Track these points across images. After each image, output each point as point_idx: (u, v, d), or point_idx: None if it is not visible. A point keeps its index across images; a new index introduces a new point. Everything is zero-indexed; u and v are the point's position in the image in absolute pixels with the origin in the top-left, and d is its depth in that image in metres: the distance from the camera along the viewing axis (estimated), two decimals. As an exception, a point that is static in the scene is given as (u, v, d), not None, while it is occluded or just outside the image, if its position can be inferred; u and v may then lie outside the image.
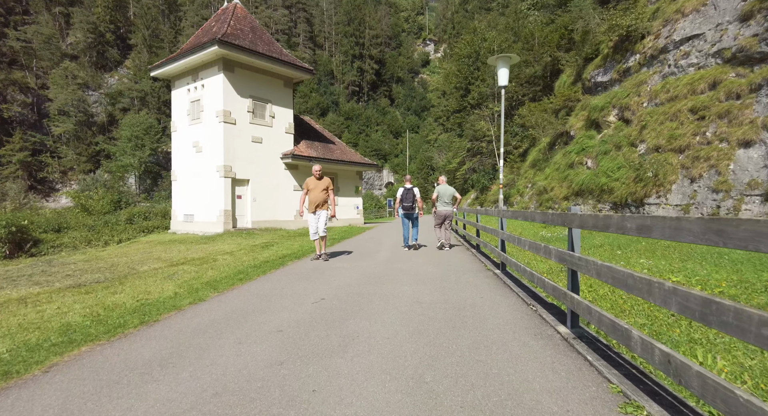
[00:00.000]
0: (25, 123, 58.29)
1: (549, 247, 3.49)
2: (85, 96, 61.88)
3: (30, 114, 59.79)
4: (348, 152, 22.75)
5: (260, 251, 10.32)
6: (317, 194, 7.57)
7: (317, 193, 7.58)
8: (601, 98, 20.93)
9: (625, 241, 9.17)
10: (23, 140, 55.28)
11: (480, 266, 6.74)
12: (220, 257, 9.13)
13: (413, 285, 5.10)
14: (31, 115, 59.90)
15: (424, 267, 6.59)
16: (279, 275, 6.12)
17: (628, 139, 18.30)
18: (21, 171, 55.54)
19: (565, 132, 23.38)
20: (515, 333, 3.14)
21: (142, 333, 3.31)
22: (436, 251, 9.11)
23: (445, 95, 47.50)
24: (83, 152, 58.45)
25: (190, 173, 18.32)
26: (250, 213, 17.63)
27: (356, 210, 23.27)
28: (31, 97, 60.64)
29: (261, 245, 12.32)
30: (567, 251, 3.13)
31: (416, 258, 7.84)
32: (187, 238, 16.08)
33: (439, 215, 9.31)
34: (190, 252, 11.36)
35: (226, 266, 7.31)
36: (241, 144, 17.22)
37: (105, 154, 57.34)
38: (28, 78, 60.91)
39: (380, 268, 6.56)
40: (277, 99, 18.74)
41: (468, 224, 9.89)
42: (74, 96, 58.97)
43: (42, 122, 58.96)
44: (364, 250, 9.40)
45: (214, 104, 16.99)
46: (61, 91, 59.80)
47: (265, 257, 8.37)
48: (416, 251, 9.16)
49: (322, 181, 7.68)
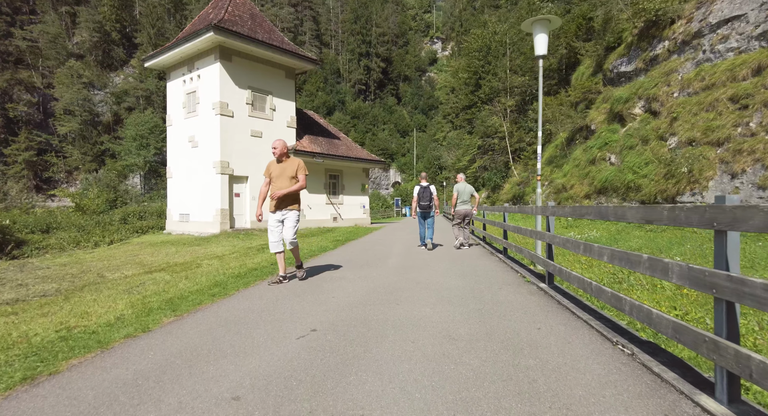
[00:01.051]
0: (31, 122, 57.98)
1: (665, 261, 2.19)
2: (91, 95, 61.49)
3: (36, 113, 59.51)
4: (354, 148, 21.51)
5: (253, 255, 9.10)
6: (281, 184, 5.03)
7: (282, 182, 5.03)
8: (624, 89, 19.45)
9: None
10: (29, 140, 54.94)
11: (515, 276, 5.43)
12: (205, 263, 7.92)
13: (437, 306, 3.81)
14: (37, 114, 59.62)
15: (446, 278, 5.30)
16: (263, 288, 4.86)
17: (657, 132, 16.82)
18: (26, 171, 55.18)
19: (584, 126, 21.91)
20: (630, 411, 1.83)
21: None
22: (456, 255, 7.81)
23: (455, 92, 46.09)
24: (88, 152, 58.02)
25: (186, 170, 17.20)
26: (249, 212, 16.45)
27: (363, 210, 22.02)
28: (37, 97, 60.37)
29: (257, 247, 11.12)
30: (715, 271, 1.84)
31: (435, 264, 6.55)
32: (180, 239, 14.94)
33: (458, 214, 9.07)
34: (176, 256, 10.18)
35: (206, 274, 6.08)
36: (239, 138, 16.05)
37: (110, 153, 56.82)
38: (34, 77, 60.66)
39: (392, 279, 5.28)
40: (278, 91, 17.55)
41: (491, 224, 8.57)
42: (79, 95, 58.56)
43: (48, 122, 58.63)
44: (371, 254, 8.13)
45: (211, 95, 15.84)
46: (67, 90, 59.40)
47: (255, 263, 7.13)
48: (433, 253, 7.91)
49: (289, 164, 5.11)
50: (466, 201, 9.00)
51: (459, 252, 8.37)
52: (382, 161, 22.64)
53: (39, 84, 61.15)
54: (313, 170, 18.97)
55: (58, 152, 59.10)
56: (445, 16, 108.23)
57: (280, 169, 5.05)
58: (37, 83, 61.02)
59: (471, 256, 7.77)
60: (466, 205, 9.00)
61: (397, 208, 49.80)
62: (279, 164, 5.10)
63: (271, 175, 5.12)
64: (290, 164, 5.08)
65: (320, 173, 19.44)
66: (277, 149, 5.08)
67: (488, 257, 7.49)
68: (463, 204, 9.02)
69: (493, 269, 6.12)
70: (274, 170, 5.09)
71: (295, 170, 5.09)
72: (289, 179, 5.02)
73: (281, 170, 5.04)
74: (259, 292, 4.64)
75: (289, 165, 5.07)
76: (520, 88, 31.79)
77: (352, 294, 4.37)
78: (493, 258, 7.36)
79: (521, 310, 3.64)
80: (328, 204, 19.83)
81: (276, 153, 5.09)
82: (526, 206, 5.63)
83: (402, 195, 58.75)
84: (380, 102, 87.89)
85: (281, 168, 5.05)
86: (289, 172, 5.03)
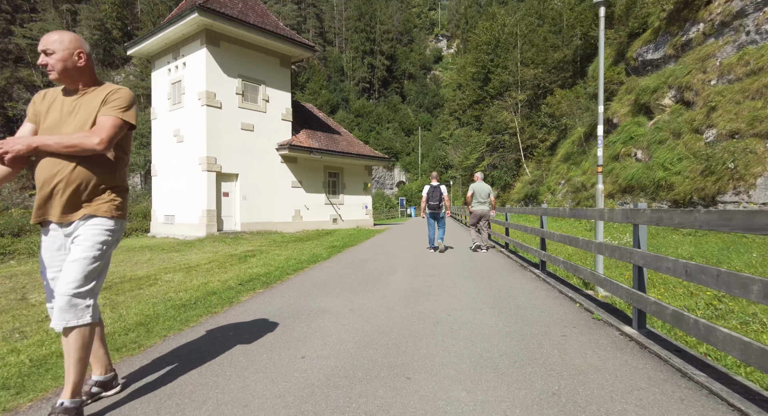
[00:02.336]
0: (30, 122, 57.01)
1: None
2: (91, 94, 60.42)
3: (36, 113, 58.56)
4: (355, 144, 19.95)
5: (229, 266, 7.56)
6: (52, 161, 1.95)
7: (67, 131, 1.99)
8: (652, 79, 17.75)
9: None
10: (28, 139, 53.97)
11: (571, 307, 3.83)
12: (165, 278, 6.38)
13: (478, 383, 2.22)
14: (37, 113, 58.67)
15: (477, 312, 3.70)
16: (205, 335, 3.29)
17: (691, 124, 15.13)
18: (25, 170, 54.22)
19: (606, 120, 20.20)
20: None
21: None
22: (477, 265, 6.23)
23: (461, 87, 44.42)
24: (88, 151, 56.94)
25: (171, 168, 15.72)
26: (239, 214, 14.93)
27: (365, 210, 20.44)
28: (37, 96, 59.40)
29: (240, 255, 9.60)
30: None
31: (454, 283, 4.97)
32: (162, 243, 13.45)
33: (474, 215, 8.72)
34: (144, 266, 8.66)
35: (145, 302, 4.52)
36: (227, 132, 14.54)
37: (110, 153, 55.67)
38: (34, 76, 59.78)
39: (398, 315, 3.69)
40: (272, 80, 16.02)
41: (520, 229, 6.97)
42: (79, 94, 57.53)
43: (47, 121, 57.70)
44: (371, 267, 6.55)
45: (196, 84, 14.34)
46: (66, 89, 58.35)
47: (221, 282, 5.56)
48: (449, 264, 6.35)
49: (92, 96, 2.06)
50: (483, 201, 8.64)
51: (481, 264, 6.78)
52: (386, 157, 21.06)
53: (39, 83, 60.30)
54: (311, 167, 17.44)
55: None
56: (450, 14, 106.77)
57: (68, 106, 2.04)
58: (37, 82, 60.16)
59: (497, 269, 6.17)
60: (483, 205, 8.65)
61: (402, 208, 48.16)
62: (67, 96, 2.07)
63: (42, 118, 2.06)
64: (94, 97, 2.06)
65: (318, 171, 17.89)
66: (56, 54, 1.97)
67: (520, 272, 5.88)
68: (479, 204, 8.66)
69: (535, 292, 4.51)
70: (52, 109, 2.05)
71: (101, 106, 2.04)
72: (83, 127, 2.00)
73: (70, 108, 2.04)
74: (194, 346, 3.06)
75: (92, 98, 2.05)
76: (532, 82, 30.08)
77: (335, 351, 2.77)
78: (527, 274, 5.75)
79: (624, 391, 2.05)
80: (327, 204, 18.28)
81: (52, 65, 1.98)
82: (586, 210, 4.04)
83: (407, 195, 57.14)
84: (384, 100, 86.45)
85: (71, 105, 2.04)
86: (86, 113, 2.02)
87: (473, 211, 8.71)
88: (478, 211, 8.66)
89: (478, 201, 8.67)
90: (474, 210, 8.71)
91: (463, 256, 7.95)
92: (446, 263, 6.96)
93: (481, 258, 7.54)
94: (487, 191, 8.70)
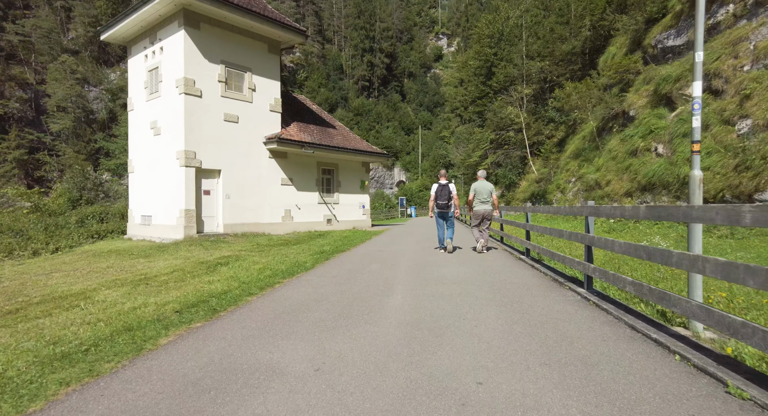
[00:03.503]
0: (23, 120, 55.68)
1: None
2: (84, 92, 59.10)
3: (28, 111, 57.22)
4: (352, 139, 18.50)
5: (193, 278, 6.14)
6: None
7: None
8: (673, 67, 16.31)
9: None
10: (19, 138, 52.67)
11: (677, 366, 2.42)
12: (99, 297, 4.95)
13: None
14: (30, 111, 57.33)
15: (525, 381, 2.28)
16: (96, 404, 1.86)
17: (721, 115, 13.73)
18: (17, 170, 52.89)
19: (620, 112, 18.77)
20: None
21: None
22: (505, 291, 4.78)
23: (463, 83, 42.96)
24: (82, 150, 55.65)
25: (148, 163, 14.30)
26: (222, 214, 13.49)
27: (362, 210, 18.99)
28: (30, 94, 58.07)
29: (212, 262, 8.19)
30: None
31: (477, 318, 3.52)
32: (134, 247, 12.02)
33: (476, 215, 8.46)
34: (95, 276, 7.25)
35: (14, 348, 3.09)
36: (209, 123, 13.10)
37: (104, 152, 54.37)
38: (27, 74, 58.39)
39: (392, 381, 2.25)
40: (259, 67, 14.58)
41: (550, 234, 5.53)
42: (72, 92, 56.20)
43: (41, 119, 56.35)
44: (360, 284, 5.12)
45: (174, 70, 12.92)
46: (59, 86, 57.06)
47: (164, 303, 4.14)
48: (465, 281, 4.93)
49: None
50: (485, 201, 8.37)
51: (502, 277, 5.36)
52: (385, 153, 19.62)
53: (32, 80, 58.91)
54: (303, 163, 16.00)
55: (50, 151, 56.83)
56: (451, 12, 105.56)
57: None
58: (30, 80, 58.78)
59: (525, 286, 4.74)
60: (485, 205, 8.37)
61: (402, 208, 46.70)
62: None
63: None
64: None
65: (311, 167, 16.45)
66: None
67: (557, 291, 4.44)
68: (482, 204, 8.39)
69: (596, 329, 3.08)
70: None
71: None
72: None
73: None
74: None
75: None
76: (538, 75, 28.62)
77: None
78: (567, 294, 4.31)
79: None
80: (320, 204, 16.84)
81: None
82: (677, 207, 2.62)
83: (407, 194, 55.72)
84: (384, 99, 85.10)
85: None
86: None
87: (475, 211, 8.43)
88: (481, 211, 8.37)
89: (481, 201, 8.40)
90: (476, 210, 8.41)
91: (474, 264, 6.52)
92: (457, 275, 5.52)
93: (499, 268, 6.11)
94: (489, 190, 8.42)
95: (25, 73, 59.84)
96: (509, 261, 6.93)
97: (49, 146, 56.09)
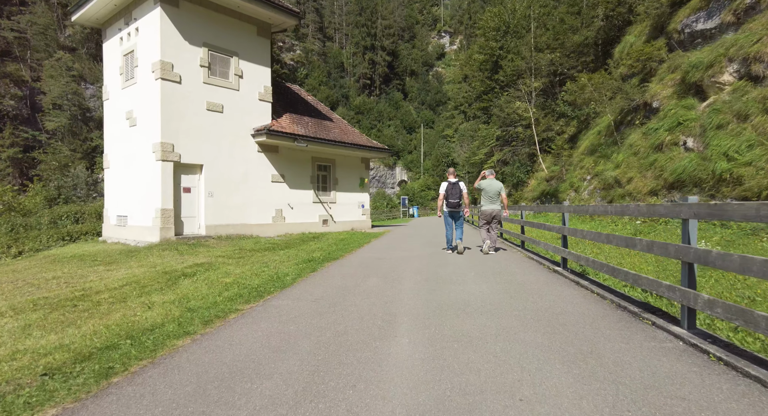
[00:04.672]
0: (18, 118, 54.53)
1: None
2: (81, 89, 57.88)
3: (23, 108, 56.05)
4: (350, 132, 17.08)
5: (138, 297, 4.76)
6: None
7: None
8: (704, 52, 14.83)
9: None
10: (14, 136, 51.54)
11: None
12: None
13: None
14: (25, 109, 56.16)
15: None
16: None
17: (763, 103, 12.25)
18: (11, 168, 51.73)
19: (642, 104, 17.30)
20: None
21: None
22: (562, 329, 3.33)
23: (467, 79, 41.47)
24: (78, 148, 54.45)
25: (124, 158, 12.91)
26: (204, 214, 12.08)
27: (361, 210, 17.55)
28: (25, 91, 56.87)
29: (180, 272, 6.80)
30: None
31: (531, 372, 2.12)
32: (101, 252, 10.61)
33: (484, 214, 8.27)
34: (25, 291, 5.87)
35: None
36: (189, 112, 11.69)
37: (101, 150, 53.21)
38: (22, 71, 57.22)
39: None
40: (247, 52, 13.17)
41: (607, 242, 4.11)
42: (68, 89, 54.98)
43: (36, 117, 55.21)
44: (352, 313, 3.70)
45: (150, 53, 11.52)
46: (55, 83, 55.85)
47: (66, 344, 2.74)
48: (502, 321, 3.49)
49: None
50: (494, 199, 8.17)
51: (549, 303, 3.95)
52: (386, 148, 18.17)
53: (27, 77, 57.73)
54: (296, 158, 14.58)
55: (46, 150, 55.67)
56: (453, 10, 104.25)
57: None
58: (26, 77, 57.59)
59: (587, 316, 3.33)
60: (493, 204, 8.18)
61: (404, 208, 45.23)
62: None
63: None
64: None
65: (305, 163, 15.02)
66: None
67: (633, 326, 3.03)
68: (490, 203, 8.18)
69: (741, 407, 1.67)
70: None
71: None
72: None
73: None
74: None
75: None
76: (548, 68, 27.13)
77: None
78: (657, 334, 2.89)
79: None
80: (315, 203, 15.41)
81: None
82: None
83: (409, 194, 54.27)
84: (386, 97, 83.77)
85: None
86: None
87: (482, 211, 8.18)
88: (489, 210, 8.11)
89: (489, 199, 8.11)
90: (484, 210, 8.15)
91: (500, 278, 5.10)
92: (483, 298, 4.09)
93: (534, 285, 4.69)
94: (497, 189, 8.16)
95: (20, 70, 58.56)
96: (541, 273, 5.50)
97: (44, 144, 54.91)
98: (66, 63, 59.33)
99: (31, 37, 60.68)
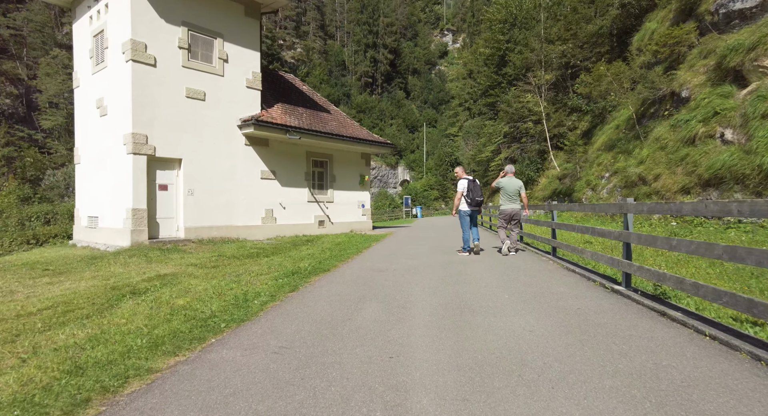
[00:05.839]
0: (14, 117, 53.44)
1: None
2: (77, 88, 56.75)
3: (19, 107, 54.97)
4: (349, 125, 15.64)
5: (43, 332, 3.32)
6: None
7: None
8: (745, 33, 13.33)
9: None
10: (9, 135, 50.48)
11: None
12: None
13: None
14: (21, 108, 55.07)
15: None
16: None
17: (816, 89, 10.73)
18: (5, 168, 50.66)
19: (668, 94, 15.80)
20: None
21: None
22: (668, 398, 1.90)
23: (472, 75, 40.00)
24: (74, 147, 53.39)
25: (96, 152, 11.53)
26: (183, 215, 10.66)
27: (361, 210, 16.10)
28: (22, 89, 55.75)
29: (131, 288, 5.41)
30: None
31: None
32: (65, 257, 9.22)
33: (503, 214, 7.94)
34: None
35: None
36: (166, 99, 10.29)
37: (97, 150, 52.04)
38: (18, 68, 56.12)
39: None
40: (233, 34, 11.76)
41: (695, 253, 2.65)
42: (65, 87, 53.79)
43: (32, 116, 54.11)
44: (335, 384, 2.29)
45: (121, 32, 10.13)
46: (51, 81, 54.65)
47: None
48: (585, 381, 2.04)
49: None
50: (513, 199, 7.90)
51: (619, 342, 2.50)
52: (387, 142, 16.72)
53: (23, 75, 56.62)
54: (288, 153, 13.17)
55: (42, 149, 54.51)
56: (456, 8, 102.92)
57: None
58: (22, 75, 56.49)
59: (713, 388, 1.92)
60: (513, 204, 7.92)
61: (407, 208, 43.75)
62: None
63: None
64: None
65: (299, 158, 13.59)
66: None
67: (751, 384, 1.61)
68: (510, 202, 7.92)
69: None
70: None
71: None
72: None
73: None
74: None
75: None
76: (559, 60, 25.64)
77: None
78: None
79: None
80: (311, 202, 13.97)
81: None
82: None
83: (411, 194, 52.80)
84: (388, 96, 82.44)
85: None
86: None
87: (502, 210, 7.97)
88: (508, 210, 7.90)
89: (508, 198, 7.88)
90: (503, 209, 7.95)
91: (546, 301, 3.67)
92: (540, 344, 2.67)
93: (604, 317, 3.26)
94: (517, 188, 7.90)
95: (16, 68, 57.43)
96: (595, 294, 4.06)
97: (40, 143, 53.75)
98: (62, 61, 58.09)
99: (27, 34, 59.52)
